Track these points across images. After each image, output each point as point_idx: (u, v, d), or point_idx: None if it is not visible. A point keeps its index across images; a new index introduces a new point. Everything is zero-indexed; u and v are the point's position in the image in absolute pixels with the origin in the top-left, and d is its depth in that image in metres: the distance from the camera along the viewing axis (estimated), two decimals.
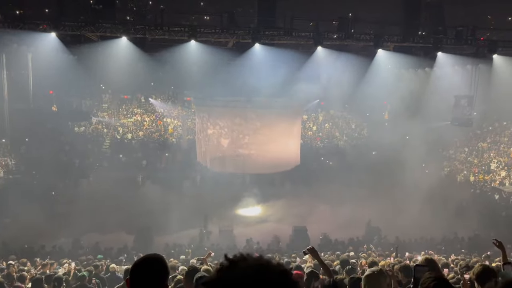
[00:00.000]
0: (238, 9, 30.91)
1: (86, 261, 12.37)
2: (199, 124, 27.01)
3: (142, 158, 28.60)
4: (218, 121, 25.34)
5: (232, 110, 25.36)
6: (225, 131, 25.26)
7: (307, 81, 25.12)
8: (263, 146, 25.05)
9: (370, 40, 22.40)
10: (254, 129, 24.99)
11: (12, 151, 26.13)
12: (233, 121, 25.25)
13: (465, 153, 29.50)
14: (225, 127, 25.28)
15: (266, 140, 25.08)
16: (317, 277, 5.39)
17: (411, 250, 14.59)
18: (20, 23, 19.74)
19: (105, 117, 31.94)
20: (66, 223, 18.61)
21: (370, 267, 5.83)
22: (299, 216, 22.34)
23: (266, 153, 25.03)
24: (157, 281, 2.42)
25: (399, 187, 22.42)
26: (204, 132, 26.11)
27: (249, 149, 25.11)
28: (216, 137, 25.51)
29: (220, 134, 25.38)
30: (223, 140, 25.31)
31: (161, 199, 21.22)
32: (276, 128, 25.22)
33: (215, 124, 25.42)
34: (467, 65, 24.74)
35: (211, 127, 25.58)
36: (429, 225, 19.57)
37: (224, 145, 25.40)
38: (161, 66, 27.55)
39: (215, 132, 25.46)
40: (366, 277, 3.76)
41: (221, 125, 25.32)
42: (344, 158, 25.85)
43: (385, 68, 25.21)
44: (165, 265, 2.48)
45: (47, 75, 24.22)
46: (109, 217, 19.51)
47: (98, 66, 24.52)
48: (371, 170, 22.84)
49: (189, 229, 20.24)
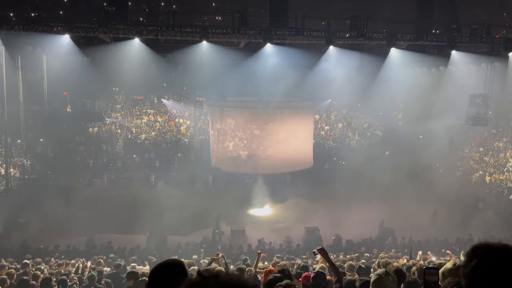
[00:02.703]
0: (250, 9, 30.93)
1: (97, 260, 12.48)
2: (211, 124, 27.09)
3: (155, 159, 28.81)
4: (229, 121, 25.35)
5: (243, 110, 25.35)
6: (237, 132, 25.26)
7: (319, 80, 25.01)
8: (275, 146, 24.98)
9: (383, 38, 22.20)
10: (266, 129, 24.94)
11: (28, 151, 26.54)
12: (244, 121, 25.23)
13: (480, 153, 29.04)
14: (237, 127, 25.28)
15: (278, 140, 25.01)
16: (324, 277, 5.35)
17: (425, 251, 14.39)
18: (34, 26, 20.03)
19: (118, 117, 32.25)
20: (80, 223, 18.80)
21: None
22: (311, 216, 22.26)
23: (278, 153, 24.96)
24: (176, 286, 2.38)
25: (413, 187, 22.20)
26: (216, 132, 26.16)
27: (261, 149, 25.07)
28: (228, 138, 25.53)
29: (232, 135, 25.38)
30: (235, 141, 25.32)
31: (173, 199, 21.33)
32: (288, 128, 25.12)
33: (227, 124, 25.44)
34: (482, 64, 24.36)
35: (223, 127, 25.61)
36: (443, 225, 19.33)
37: (236, 146, 25.40)
38: (173, 66, 27.77)
39: (227, 132, 25.49)
40: (373, 282, 3.72)
41: (233, 126, 25.33)
42: (357, 158, 25.65)
43: (398, 67, 24.95)
44: (185, 271, 2.42)
45: (61, 76, 24.54)
46: (122, 217, 19.68)
47: (111, 67, 24.76)
48: (384, 170, 22.64)
49: (202, 229, 20.32)
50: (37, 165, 26.09)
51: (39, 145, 27.12)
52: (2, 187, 22.93)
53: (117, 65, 24.22)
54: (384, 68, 24.92)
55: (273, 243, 17.90)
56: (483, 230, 19.08)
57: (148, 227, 18.82)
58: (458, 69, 25.43)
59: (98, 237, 18.16)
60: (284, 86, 24.08)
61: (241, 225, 21.03)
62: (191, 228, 20.18)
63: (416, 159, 25.07)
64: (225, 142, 25.77)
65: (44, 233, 17.91)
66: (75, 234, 18.23)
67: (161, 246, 17.45)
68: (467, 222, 20.34)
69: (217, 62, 23.42)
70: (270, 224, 22.36)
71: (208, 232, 19.80)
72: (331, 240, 18.43)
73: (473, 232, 18.85)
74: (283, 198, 24.67)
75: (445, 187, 23.03)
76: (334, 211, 21.73)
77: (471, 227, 19.55)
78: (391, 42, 22.00)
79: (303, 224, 20.68)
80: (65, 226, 18.66)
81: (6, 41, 20.98)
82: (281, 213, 23.85)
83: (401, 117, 32.63)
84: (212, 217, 20.70)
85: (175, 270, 2.40)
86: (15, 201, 21.29)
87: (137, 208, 20.40)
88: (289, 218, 22.99)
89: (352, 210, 20.77)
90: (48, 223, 18.83)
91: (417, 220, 19.68)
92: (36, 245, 16.38)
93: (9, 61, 22.40)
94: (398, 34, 22.40)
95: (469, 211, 22.12)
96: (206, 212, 21.22)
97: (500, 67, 23.46)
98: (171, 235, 18.93)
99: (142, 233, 18.80)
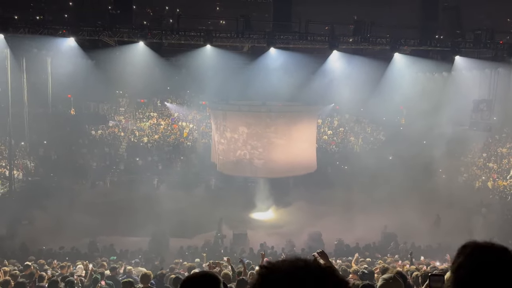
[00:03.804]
0: (254, 13, 31.06)
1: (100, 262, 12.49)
2: (213, 128, 27.11)
3: (157, 162, 28.85)
4: (232, 125, 25.36)
5: (246, 114, 25.36)
6: (239, 135, 25.27)
7: (322, 85, 25.03)
8: (278, 150, 24.96)
9: (387, 43, 22.23)
10: (268, 133, 24.92)
11: (31, 153, 26.63)
12: (247, 125, 25.24)
13: (484, 159, 28.95)
14: (240, 131, 25.29)
15: (280, 144, 24.99)
16: None
17: (428, 257, 14.34)
18: (40, 28, 20.17)
19: (121, 120, 32.35)
20: (83, 225, 18.82)
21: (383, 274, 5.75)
22: (313, 220, 22.20)
23: (280, 157, 24.93)
24: None
25: (416, 192, 22.12)
26: (219, 135, 26.18)
27: (264, 153, 25.05)
28: (231, 141, 25.54)
29: (235, 138, 25.40)
30: (238, 144, 25.32)
31: (176, 202, 21.33)
32: (291, 133, 25.09)
33: (230, 128, 25.45)
34: (486, 69, 24.33)
35: (226, 131, 25.62)
36: (446, 231, 19.24)
37: (238, 149, 25.40)
38: (177, 70, 27.87)
39: (230, 136, 25.50)
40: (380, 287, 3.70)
41: (236, 129, 25.34)
42: (359, 163, 25.60)
43: (402, 72, 24.95)
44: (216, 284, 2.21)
45: (65, 79, 24.67)
46: (124, 220, 19.69)
47: (115, 71, 24.87)
48: (387, 175, 22.58)
49: (204, 232, 20.30)
50: (40, 167, 26.17)
51: (42, 147, 27.21)
52: (6, 188, 23.01)
53: (121, 68, 24.33)
54: (387, 73, 24.92)
55: (275, 247, 17.86)
56: (486, 236, 18.95)
57: (151, 230, 18.84)
58: (461, 75, 25.39)
59: (101, 240, 18.18)
60: (287, 90, 24.11)
61: (243, 229, 20.99)
62: (193, 232, 20.16)
63: (419, 164, 24.99)
64: (227, 146, 25.77)
65: (46, 235, 17.93)
66: (78, 236, 18.24)
67: (163, 249, 17.45)
68: (470, 228, 20.23)
69: (221, 66, 23.50)
70: (272, 228, 22.31)
71: (210, 235, 19.78)
72: (333, 245, 18.38)
73: (476, 238, 18.68)
74: (285, 202, 24.62)
75: (448, 193, 22.93)
76: (336, 216, 21.67)
77: (474, 233, 19.44)
78: (394, 47, 22.03)
79: (306, 229, 20.63)
80: (67, 228, 18.68)
81: (12, 44, 21.11)
82: (283, 217, 23.79)
83: (404, 122, 32.58)
84: (214, 221, 20.68)
85: (206, 282, 2.20)
86: (18, 202, 21.35)
87: (139, 211, 20.41)
88: (291, 222, 22.92)
89: (355, 215, 20.72)
90: (51, 225, 18.87)
91: (420, 226, 19.60)
92: (38, 247, 16.41)
93: (14, 64, 22.55)
94: (402, 39, 22.43)
95: (472, 216, 22.02)
96: (208, 215, 21.21)
97: (503, 72, 23.44)
98: (173, 238, 18.93)
99: (144, 236, 18.81)
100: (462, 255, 1.69)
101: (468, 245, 1.72)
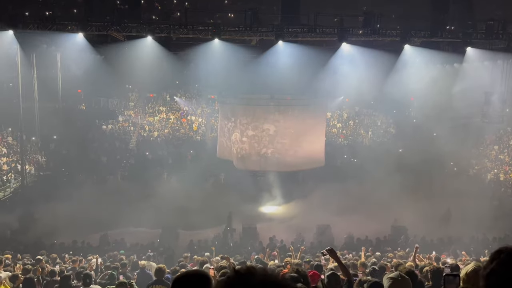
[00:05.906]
0: (262, 6, 30.87)
1: (112, 257, 12.62)
2: (222, 122, 27.12)
3: (167, 156, 28.98)
4: (241, 118, 25.35)
5: (255, 108, 25.32)
6: (248, 129, 25.25)
7: (331, 78, 24.84)
8: (287, 144, 24.91)
9: (397, 35, 21.98)
10: (277, 126, 24.87)
11: (42, 148, 26.92)
12: (256, 119, 25.20)
13: (496, 151, 28.59)
14: (249, 124, 25.26)
15: (290, 137, 24.94)
16: (337, 280, 5.33)
17: (438, 251, 14.23)
18: (49, 24, 20.28)
19: (131, 115, 32.51)
20: (94, 219, 19.00)
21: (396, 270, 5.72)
22: (322, 214, 22.13)
23: (289, 151, 24.89)
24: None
25: (426, 185, 21.96)
26: (228, 129, 26.19)
27: (273, 147, 25.02)
28: (240, 135, 25.54)
29: (244, 132, 25.39)
30: (247, 138, 25.31)
31: (186, 196, 21.43)
32: (300, 126, 25.01)
33: (238, 121, 25.44)
34: (498, 60, 23.95)
35: (235, 125, 25.62)
36: (457, 224, 19.08)
37: (247, 143, 25.40)
38: (186, 64, 27.89)
39: (239, 129, 25.49)
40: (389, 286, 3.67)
41: (245, 123, 25.32)
42: (369, 156, 25.41)
43: (412, 64, 24.65)
44: (208, 283, 2.21)
45: (75, 74, 24.86)
46: (135, 214, 19.85)
47: (124, 65, 24.94)
48: (397, 168, 22.40)
49: (213, 226, 20.38)
50: (51, 161, 26.44)
51: (53, 142, 27.48)
52: (18, 183, 23.31)
53: (130, 63, 24.39)
54: (397, 65, 24.64)
55: (285, 241, 17.86)
56: (498, 229, 18.78)
57: (161, 223, 18.95)
58: (473, 66, 25.01)
59: (112, 234, 18.34)
60: (296, 83, 23.97)
61: (252, 222, 21.02)
62: (203, 225, 20.24)
63: (429, 157, 24.77)
64: (236, 139, 25.78)
65: (58, 229, 18.13)
66: (89, 231, 18.44)
67: (173, 242, 17.57)
68: (482, 221, 20.02)
69: (229, 59, 23.42)
70: (282, 221, 22.31)
71: (220, 229, 19.86)
72: (343, 239, 18.34)
73: (487, 231, 18.57)
74: (294, 196, 24.59)
75: (459, 186, 22.71)
76: (345, 209, 21.59)
77: (486, 226, 19.25)
78: (405, 39, 21.77)
79: (315, 222, 20.58)
80: (79, 222, 18.87)
81: (21, 40, 21.28)
82: (293, 211, 23.76)
83: (414, 114, 32.27)
84: (224, 214, 20.74)
85: (197, 281, 2.20)
86: (30, 197, 21.62)
87: (149, 205, 20.54)
88: (300, 216, 22.88)
89: (364, 208, 20.63)
90: (62, 219, 19.07)
91: (430, 219, 19.45)
92: (50, 241, 16.62)
93: (24, 60, 22.72)
94: (412, 31, 22.14)
95: (483, 210, 21.78)
96: (218, 209, 21.27)
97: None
98: (183, 231, 19.03)
99: (155, 230, 18.94)
100: (495, 261, 1.63)
101: (502, 251, 1.66)
